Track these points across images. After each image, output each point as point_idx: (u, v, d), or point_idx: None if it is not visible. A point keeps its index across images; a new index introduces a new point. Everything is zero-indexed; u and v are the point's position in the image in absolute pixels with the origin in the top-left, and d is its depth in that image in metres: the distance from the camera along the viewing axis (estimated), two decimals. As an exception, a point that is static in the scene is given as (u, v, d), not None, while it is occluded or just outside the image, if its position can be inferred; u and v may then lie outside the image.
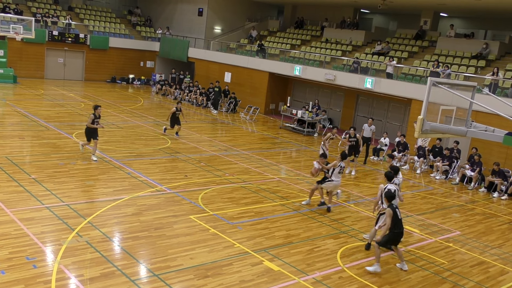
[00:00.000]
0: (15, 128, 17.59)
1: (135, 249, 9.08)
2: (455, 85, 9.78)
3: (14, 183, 11.74)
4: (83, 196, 11.53)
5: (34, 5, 33.43)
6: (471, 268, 10.14)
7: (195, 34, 33.75)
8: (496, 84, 19.75)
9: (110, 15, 36.69)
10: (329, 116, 25.80)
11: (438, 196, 15.47)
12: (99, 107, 14.64)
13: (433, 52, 25.14)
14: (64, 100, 24.59)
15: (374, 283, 8.86)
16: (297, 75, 25.92)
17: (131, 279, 7.98)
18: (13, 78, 28.16)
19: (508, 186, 16.28)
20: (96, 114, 14.43)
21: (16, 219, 9.64)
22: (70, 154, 14.95)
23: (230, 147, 18.55)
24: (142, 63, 35.33)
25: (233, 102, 27.38)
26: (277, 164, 16.89)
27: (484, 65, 22.72)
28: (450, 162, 17.95)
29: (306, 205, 12.67)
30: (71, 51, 32.13)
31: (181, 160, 15.79)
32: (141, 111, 24.00)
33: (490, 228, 12.89)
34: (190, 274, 8.38)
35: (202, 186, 13.34)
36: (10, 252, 8.37)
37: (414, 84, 21.60)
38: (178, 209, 11.37)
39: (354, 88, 23.79)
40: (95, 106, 14.64)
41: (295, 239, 10.44)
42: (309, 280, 8.69)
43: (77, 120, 20.17)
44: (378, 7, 25.20)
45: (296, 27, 33.46)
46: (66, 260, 8.29)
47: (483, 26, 28.80)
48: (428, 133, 8.72)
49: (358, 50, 28.09)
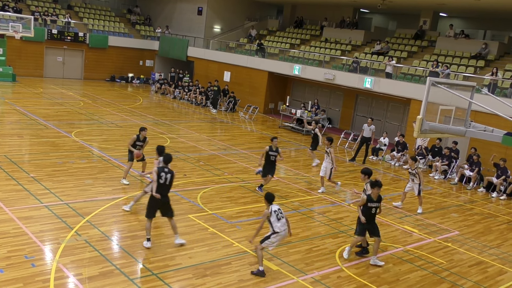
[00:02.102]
0: (14, 127, 17.57)
1: (133, 248, 9.07)
2: (454, 85, 9.77)
3: (13, 182, 11.73)
4: (82, 195, 11.52)
5: (33, 3, 33.38)
6: (470, 268, 10.15)
7: (194, 33, 33.73)
8: (495, 84, 19.76)
9: (109, 14, 36.66)
10: (328, 115, 25.79)
11: (437, 196, 15.48)
12: (144, 130, 12.65)
13: (432, 52, 25.15)
14: (63, 99, 24.57)
15: (372, 283, 8.86)
16: (297, 75, 25.91)
17: (130, 278, 7.98)
18: (12, 77, 28.13)
19: (507, 186, 16.29)
20: (140, 137, 12.55)
21: (15, 218, 9.64)
22: (69, 152, 14.94)
23: (229, 146, 18.54)
24: (141, 62, 35.32)
25: (232, 102, 27.38)
26: (276, 164, 16.85)
27: (483, 65, 22.73)
28: (449, 162, 17.97)
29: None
30: (70, 49, 32.10)
31: (180, 159, 15.78)
32: (140, 110, 23.98)
33: (489, 228, 12.90)
34: (188, 273, 8.38)
35: (201, 185, 13.34)
36: (8, 250, 8.36)
37: (413, 84, 21.61)
38: (177, 208, 11.32)
39: (353, 87, 23.79)
40: (141, 128, 12.68)
41: (293, 239, 10.43)
42: (307, 279, 8.70)
43: (76, 119, 20.16)
44: (377, 6, 25.21)
45: (295, 26, 33.45)
46: (64, 259, 8.28)
47: (483, 26, 28.81)
48: (427, 133, 8.71)
49: (357, 49, 28.09)
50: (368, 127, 18.52)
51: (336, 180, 14.63)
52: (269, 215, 8.48)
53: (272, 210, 8.50)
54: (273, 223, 8.48)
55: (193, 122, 22.97)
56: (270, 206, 8.54)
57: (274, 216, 8.48)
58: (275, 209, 8.55)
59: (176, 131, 20.08)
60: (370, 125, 18.55)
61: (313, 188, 14.43)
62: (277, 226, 8.47)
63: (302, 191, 14.01)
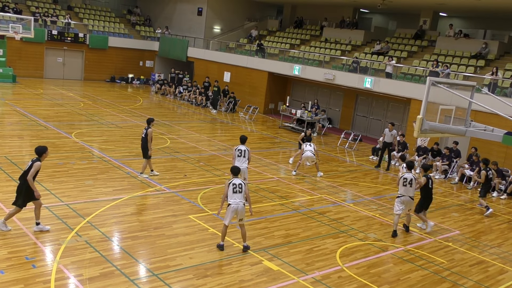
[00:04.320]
0: (14, 128, 17.57)
1: (134, 249, 9.07)
2: (455, 84, 9.77)
3: (13, 183, 11.72)
4: (82, 196, 11.52)
5: (33, 4, 33.41)
6: (471, 267, 10.14)
7: (194, 33, 33.74)
8: (495, 84, 19.76)
9: (109, 14, 36.68)
10: (328, 115, 25.79)
11: (438, 195, 15.46)
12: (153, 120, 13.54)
13: (432, 52, 25.15)
14: (63, 100, 24.57)
15: (373, 283, 8.86)
16: (297, 75, 25.92)
17: (130, 278, 7.98)
18: (12, 78, 28.14)
19: (507, 186, 16.29)
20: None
21: (15, 219, 9.63)
22: (69, 153, 14.95)
23: (229, 146, 18.54)
24: (141, 63, 35.33)
25: (232, 102, 27.38)
26: (276, 164, 16.89)
27: (483, 64, 22.72)
28: (450, 161, 17.96)
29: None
30: (70, 50, 32.11)
31: (180, 159, 15.78)
32: (140, 111, 23.98)
33: (489, 228, 12.90)
34: (189, 274, 8.38)
35: (201, 186, 13.34)
36: (9, 252, 8.36)
37: (413, 84, 21.61)
38: (177, 209, 11.37)
39: (354, 87, 23.80)
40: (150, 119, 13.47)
41: (294, 239, 10.44)
42: (308, 279, 8.70)
43: (76, 120, 20.17)
44: (377, 6, 25.21)
45: (295, 26, 33.46)
46: (65, 260, 8.28)
47: (483, 26, 28.81)
48: (427, 132, 8.71)
49: (357, 49, 28.09)
50: (389, 132, 18.00)
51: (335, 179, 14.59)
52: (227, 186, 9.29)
53: (231, 183, 9.27)
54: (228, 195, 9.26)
55: (193, 123, 22.98)
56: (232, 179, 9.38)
57: (231, 188, 9.23)
58: (235, 182, 9.28)
59: (176, 132, 20.09)
60: (391, 130, 18.04)
61: (313, 188, 14.44)
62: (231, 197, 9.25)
63: (302, 191, 14.01)
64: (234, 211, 9.21)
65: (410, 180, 11.16)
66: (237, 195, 9.21)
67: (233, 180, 9.30)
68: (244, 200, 9.31)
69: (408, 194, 11.17)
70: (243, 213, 9.29)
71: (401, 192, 11.20)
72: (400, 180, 11.28)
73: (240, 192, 9.24)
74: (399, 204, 11.24)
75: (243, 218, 9.36)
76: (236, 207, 9.19)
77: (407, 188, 11.15)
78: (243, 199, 9.27)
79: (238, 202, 9.19)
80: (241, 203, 9.21)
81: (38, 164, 9.08)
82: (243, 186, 9.30)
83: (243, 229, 9.47)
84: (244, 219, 9.42)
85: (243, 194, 9.27)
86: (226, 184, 9.31)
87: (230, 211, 9.23)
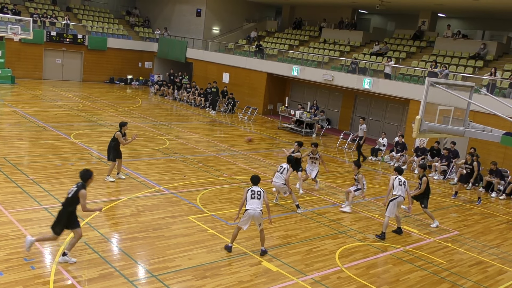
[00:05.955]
0: (13, 129, 17.56)
1: (133, 250, 9.07)
2: (453, 85, 9.77)
3: (12, 184, 11.72)
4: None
5: (32, 5, 33.38)
6: (470, 267, 10.15)
7: (193, 34, 33.74)
8: (494, 84, 19.78)
9: (108, 15, 36.67)
10: (327, 116, 25.80)
11: (436, 196, 15.48)
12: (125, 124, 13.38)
13: (431, 53, 25.17)
14: (62, 101, 24.56)
15: (372, 283, 8.86)
16: (295, 76, 25.92)
17: (130, 280, 7.97)
18: (11, 79, 28.11)
19: (506, 186, 16.30)
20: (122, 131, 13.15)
21: (14, 220, 9.63)
22: (68, 154, 14.93)
23: (228, 147, 18.54)
24: (140, 64, 35.31)
25: (231, 103, 27.38)
26: (275, 165, 16.86)
27: (482, 65, 22.75)
28: (448, 162, 17.97)
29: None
30: (69, 51, 32.09)
31: (179, 160, 15.78)
32: (139, 112, 23.97)
33: (488, 228, 12.91)
34: (188, 275, 8.37)
35: (200, 187, 13.34)
36: (8, 253, 8.35)
37: (412, 85, 21.62)
38: (176, 210, 11.37)
39: (352, 88, 23.80)
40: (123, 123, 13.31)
41: (293, 240, 10.44)
42: (307, 280, 8.69)
43: (75, 121, 20.15)
44: (376, 7, 25.25)
45: (294, 27, 33.48)
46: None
47: (481, 27, 28.85)
48: (426, 133, 8.72)
49: (356, 50, 28.11)
50: (359, 126, 18.41)
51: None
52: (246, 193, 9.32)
53: (250, 189, 9.30)
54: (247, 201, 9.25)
55: (192, 124, 22.98)
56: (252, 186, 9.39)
57: (249, 194, 9.25)
58: (254, 189, 9.30)
59: (175, 133, 20.08)
60: (361, 124, 18.51)
61: (313, 189, 14.43)
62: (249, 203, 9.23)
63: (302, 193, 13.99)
64: (251, 217, 9.18)
65: (404, 181, 11.30)
66: (255, 201, 9.18)
67: (252, 188, 9.33)
68: (262, 207, 9.26)
69: (402, 195, 11.24)
70: (260, 219, 9.24)
71: (398, 193, 11.14)
72: (394, 182, 11.23)
73: (259, 199, 9.21)
74: (394, 206, 11.15)
75: (261, 223, 9.34)
76: (253, 213, 9.13)
77: (401, 188, 11.22)
78: (261, 206, 9.23)
79: (255, 208, 9.13)
80: (258, 210, 9.15)
81: (83, 192, 8.20)
82: (262, 193, 9.28)
83: (262, 234, 9.47)
84: (262, 224, 9.40)
85: (261, 201, 9.25)
86: (245, 191, 9.34)
87: (247, 216, 9.19)
